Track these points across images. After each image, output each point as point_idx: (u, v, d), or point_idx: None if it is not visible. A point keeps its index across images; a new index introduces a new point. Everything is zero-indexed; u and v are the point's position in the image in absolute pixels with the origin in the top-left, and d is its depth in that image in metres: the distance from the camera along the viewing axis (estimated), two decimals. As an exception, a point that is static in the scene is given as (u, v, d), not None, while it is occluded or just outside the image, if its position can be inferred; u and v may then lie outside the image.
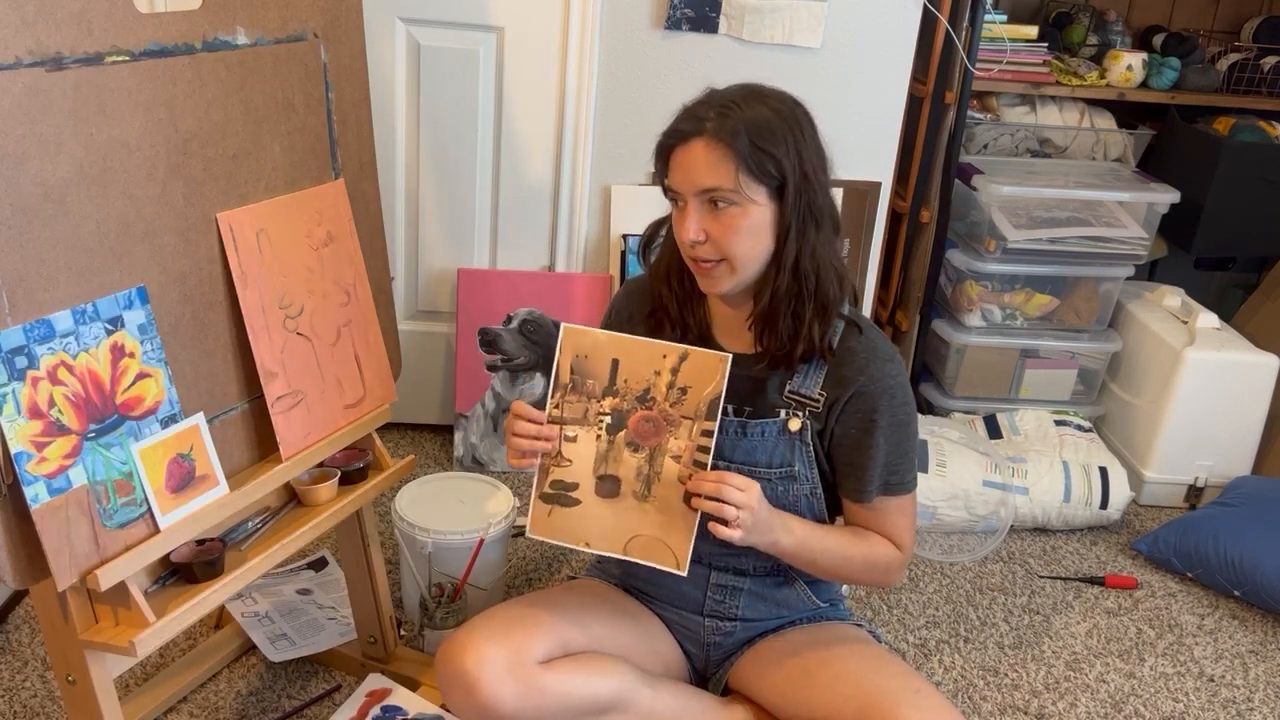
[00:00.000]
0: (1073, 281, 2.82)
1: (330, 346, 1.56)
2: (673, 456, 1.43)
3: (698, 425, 1.43)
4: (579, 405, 1.46)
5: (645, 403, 1.44)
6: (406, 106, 2.44)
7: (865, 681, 1.46)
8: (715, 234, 1.39)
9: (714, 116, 1.36)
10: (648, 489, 1.44)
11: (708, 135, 1.36)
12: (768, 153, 1.35)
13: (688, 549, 1.42)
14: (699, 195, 1.38)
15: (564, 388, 1.46)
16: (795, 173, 1.37)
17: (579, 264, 2.57)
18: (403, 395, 1.87)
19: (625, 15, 2.37)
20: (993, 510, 2.44)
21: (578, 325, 1.46)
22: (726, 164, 1.35)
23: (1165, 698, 2.00)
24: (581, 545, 1.46)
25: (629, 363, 1.45)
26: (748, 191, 1.36)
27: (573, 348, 1.46)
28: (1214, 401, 2.58)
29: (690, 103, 1.42)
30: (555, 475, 1.47)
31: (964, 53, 2.54)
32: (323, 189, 1.54)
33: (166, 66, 1.28)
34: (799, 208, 1.38)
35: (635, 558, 1.43)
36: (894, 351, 1.51)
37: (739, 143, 1.35)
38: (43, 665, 1.84)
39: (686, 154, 1.38)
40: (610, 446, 1.46)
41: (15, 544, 1.18)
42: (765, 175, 1.36)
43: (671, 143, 1.40)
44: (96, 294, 1.23)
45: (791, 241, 1.40)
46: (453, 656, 1.44)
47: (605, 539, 1.45)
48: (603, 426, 1.46)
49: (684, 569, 1.43)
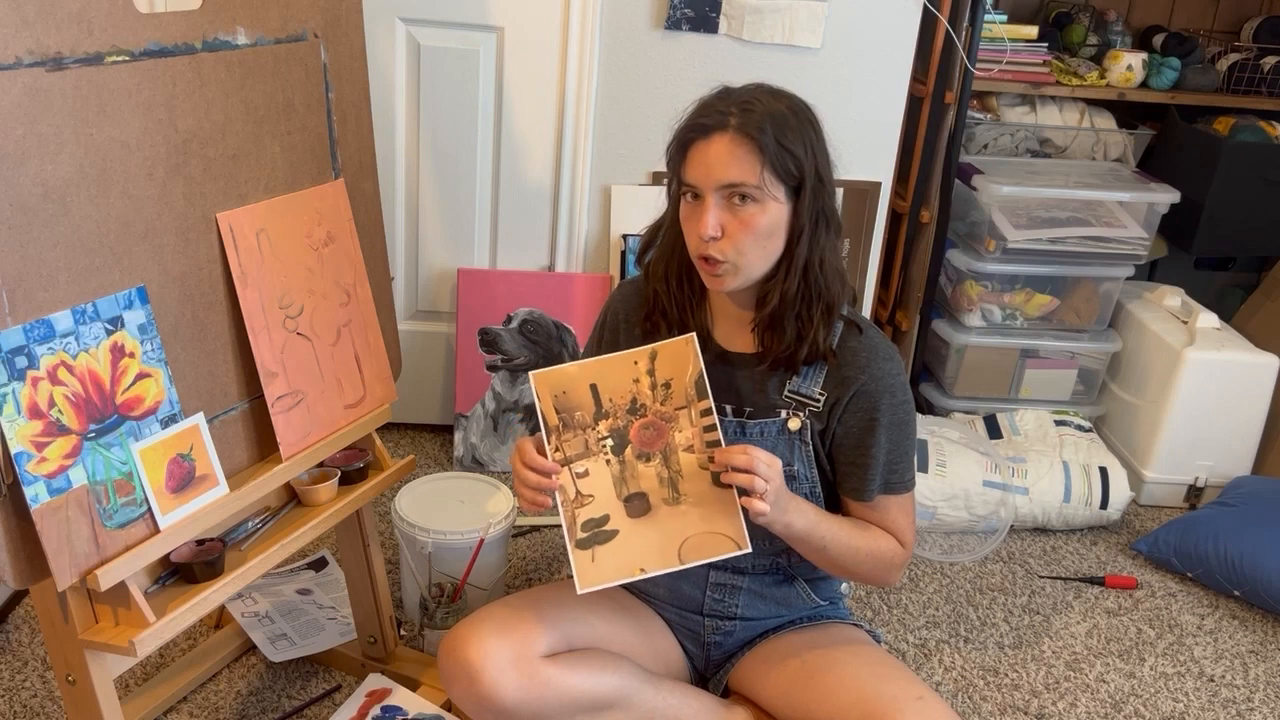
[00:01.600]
0: (1073, 281, 2.82)
1: (330, 346, 1.56)
2: (685, 450, 1.42)
3: (694, 409, 1.42)
4: (578, 440, 1.44)
5: (637, 412, 1.44)
6: (406, 106, 2.44)
7: (868, 687, 1.46)
8: (732, 230, 1.38)
9: (737, 112, 1.35)
10: (675, 490, 1.42)
11: (733, 130, 1.35)
12: (790, 151, 1.35)
13: (741, 525, 1.39)
14: (719, 190, 1.37)
15: (556, 430, 1.44)
16: (812, 174, 1.37)
17: (579, 264, 2.57)
18: (403, 395, 1.88)
19: (625, 15, 2.37)
20: (993, 510, 2.44)
21: (543, 369, 1.44)
22: (752, 159, 1.34)
23: (1165, 698, 2.00)
24: (638, 574, 1.40)
25: (606, 382, 1.44)
26: (770, 189, 1.36)
27: (548, 390, 1.44)
28: (1214, 401, 2.58)
29: (707, 97, 1.41)
30: (583, 517, 1.42)
31: (964, 53, 2.54)
32: (323, 189, 1.54)
33: (166, 66, 1.28)
34: (814, 209, 1.38)
35: (695, 560, 1.39)
36: (893, 350, 1.51)
37: (765, 138, 1.34)
38: (43, 665, 1.84)
39: (709, 148, 1.36)
40: (623, 466, 1.43)
41: (15, 544, 1.18)
42: (786, 174, 1.36)
43: (692, 136, 1.38)
44: (96, 294, 1.23)
45: (804, 244, 1.40)
46: (456, 648, 1.44)
47: (658, 557, 1.40)
48: (607, 450, 1.44)
49: (746, 545, 1.38)
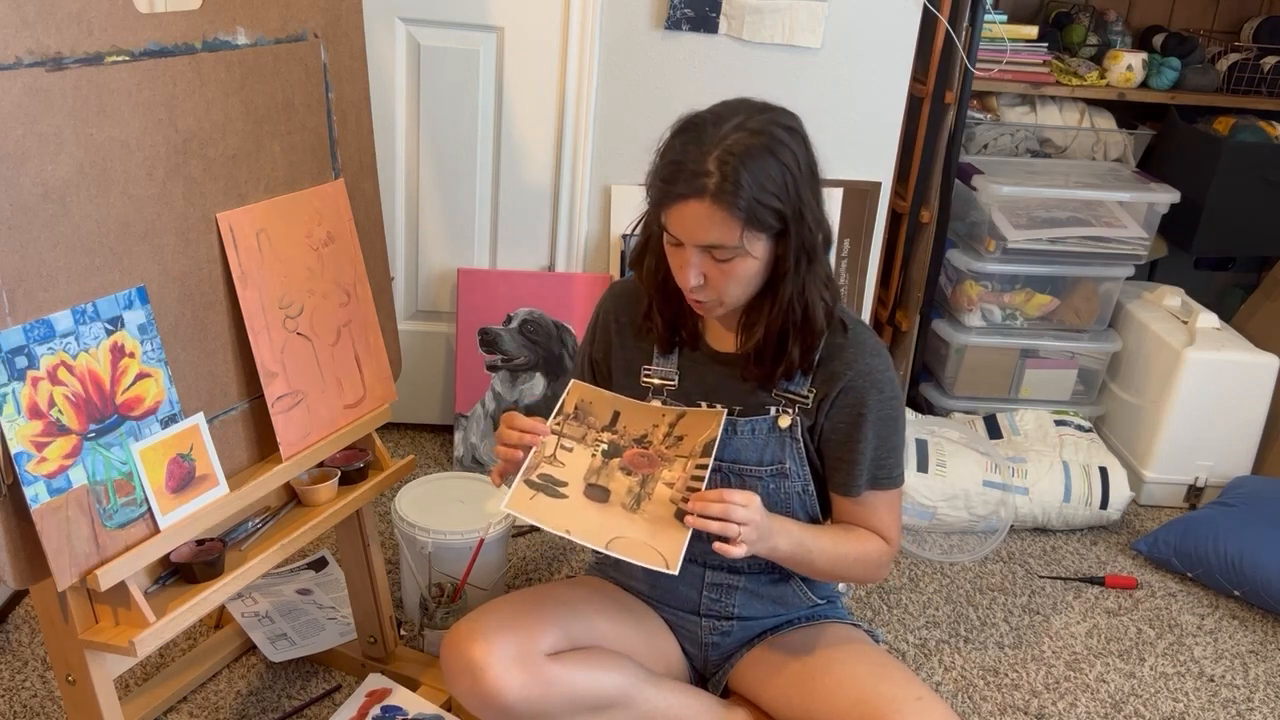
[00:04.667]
0: (1073, 281, 2.82)
1: (330, 346, 1.56)
2: (665, 483, 1.43)
3: (692, 461, 1.44)
4: (579, 429, 1.48)
5: (642, 444, 1.47)
6: (406, 106, 2.44)
7: (867, 688, 1.46)
8: (714, 277, 1.39)
9: (714, 171, 1.32)
10: (637, 504, 1.42)
11: (711, 197, 1.32)
12: (769, 206, 1.34)
13: (679, 550, 1.37)
14: (699, 246, 1.37)
15: (565, 415, 1.49)
16: (794, 217, 1.36)
17: (579, 264, 2.57)
18: (403, 395, 1.87)
19: (625, 15, 2.37)
20: (993, 510, 2.44)
21: (586, 384, 1.52)
22: (731, 224, 1.33)
23: (1165, 698, 2.00)
24: (562, 531, 1.39)
25: (629, 417, 1.50)
26: (749, 245, 1.36)
27: (578, 395, 1.51)
28: (1214, 401, 2.58)
29: (678, 143, 1.36)
30: (545, 470, 1.45)
31: (964, 53, 2.54)
32: (323, 189, 1.54)
33: (166, 66, 1.28)
34: (797, 248, 1.39)
35: (619, 553, 1.39)
36: (881, 346, 1.52)
37: (742, 202, 1.32)
38: (43, 665, 1.84)
39: (687, 211, 1.35)
40: (604, 465, 1.46)
41: (15, 544, 1.18)
42: (766, 227, 1.36)
43: (668, 202, 1.36)
44: (96, 294, 1.23)
45: (788, 282, 1.41)
46: (460, 644, 1.44)
47: (588, 531, 1.40)
48: (599, 450, 1.47)
49: (675, 568, 1.37)
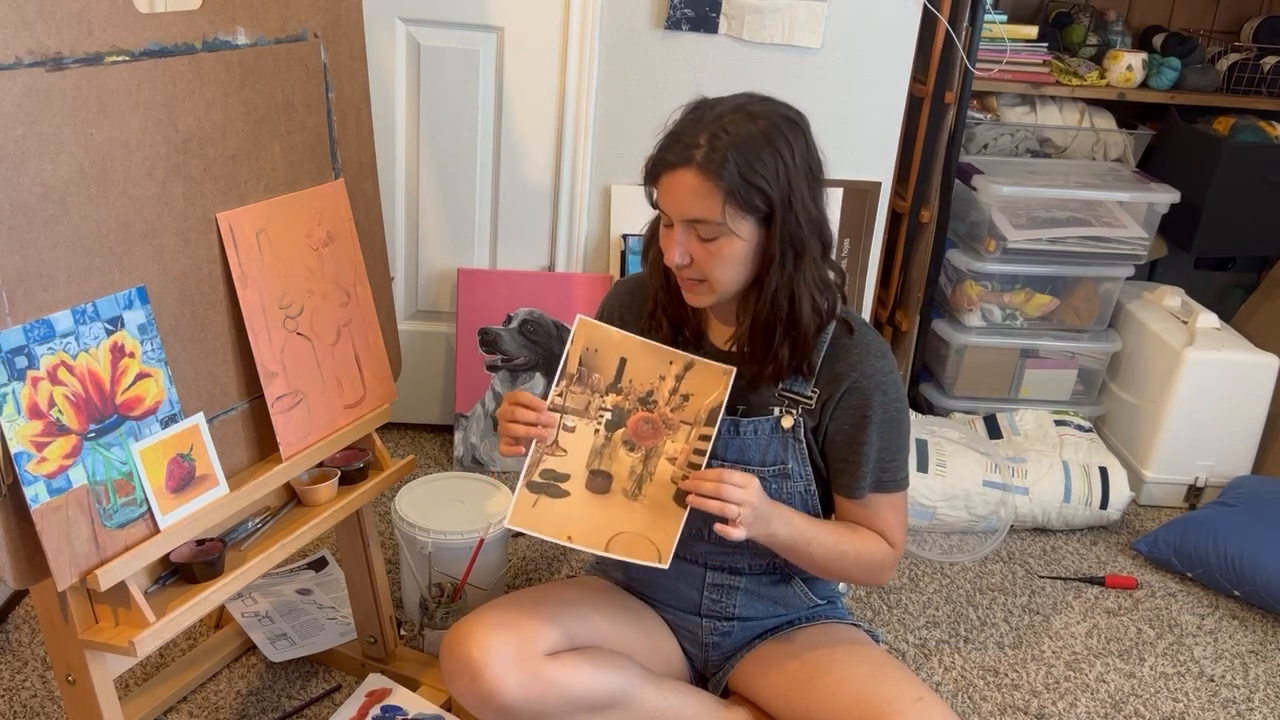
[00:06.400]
0: (1073, 281, 2.82)
1: (330, 346, 1.56)
2: (668, 458, 1.44)
3: (696, 430, 1.44)
4: (582, 397, 1.48)
5: (647, 405, 1.46)
6: (406, 106, 2.44)
7: (868, 689, 1.46)
8: (700, 258, 1.39)
9: (703, 144, 1.34)
10: (639, 488, 1.44)
11: (696, 167, 1.34)
12: (756, 185, 1.34)
13: (671, 543, 1.40)
14: (685, 221, 1.38)
15: (570, 377, 1.48)
16: (782, 202, 1.36)
17: (579, 264, 2.57)
18: (403, 395, 1.87)
19: (625, 15, 2.37)
20: (993, 510, 2.44)
21: (593, 319, 1.48)
22: (713, 197, 1.34)
23: (1165, 698, 2.00)
24: (564, 540, 1.42)
25: (636, 364, 1.48)
26: (732, 224, 1.36)
27: (584, 339, 1.48)
28: (1214, 401, 2.58)
29: (680, 119, 1.40)
30: (548, 464, 1.45)
31: (964, 53, 2.54)
32: (323, 189, 1.54)
33: (166, 66, 1.28)
34: (783, 238, 1.38)
35: (617, 554, 1.41)
36: (886, 348, 1.52)
37: (726, 175, 1.33)
38: (43, 665, 1.84)
39: (674, 181, 1.37)
40: (607, 443, 1.46)
41: (15, 544, 1.18)
42: (751, 207, 1.36)
43: (659, 170, 1.39)
44: (96, 294, 1.23)
45: (774, 273, 1.40)
46: (459, 645, 1.44)
47: (588, 535, 1.42)
48: (602, 422, 1.47)
49: (666, 562, 1.40)
